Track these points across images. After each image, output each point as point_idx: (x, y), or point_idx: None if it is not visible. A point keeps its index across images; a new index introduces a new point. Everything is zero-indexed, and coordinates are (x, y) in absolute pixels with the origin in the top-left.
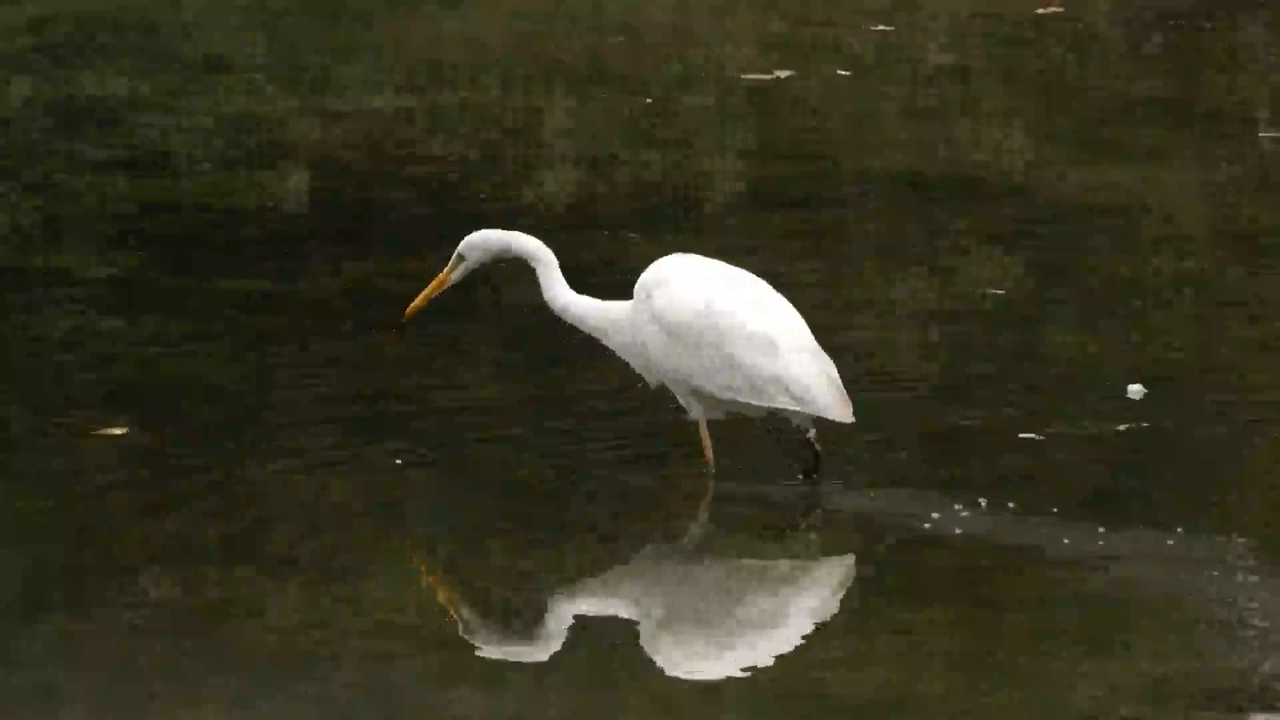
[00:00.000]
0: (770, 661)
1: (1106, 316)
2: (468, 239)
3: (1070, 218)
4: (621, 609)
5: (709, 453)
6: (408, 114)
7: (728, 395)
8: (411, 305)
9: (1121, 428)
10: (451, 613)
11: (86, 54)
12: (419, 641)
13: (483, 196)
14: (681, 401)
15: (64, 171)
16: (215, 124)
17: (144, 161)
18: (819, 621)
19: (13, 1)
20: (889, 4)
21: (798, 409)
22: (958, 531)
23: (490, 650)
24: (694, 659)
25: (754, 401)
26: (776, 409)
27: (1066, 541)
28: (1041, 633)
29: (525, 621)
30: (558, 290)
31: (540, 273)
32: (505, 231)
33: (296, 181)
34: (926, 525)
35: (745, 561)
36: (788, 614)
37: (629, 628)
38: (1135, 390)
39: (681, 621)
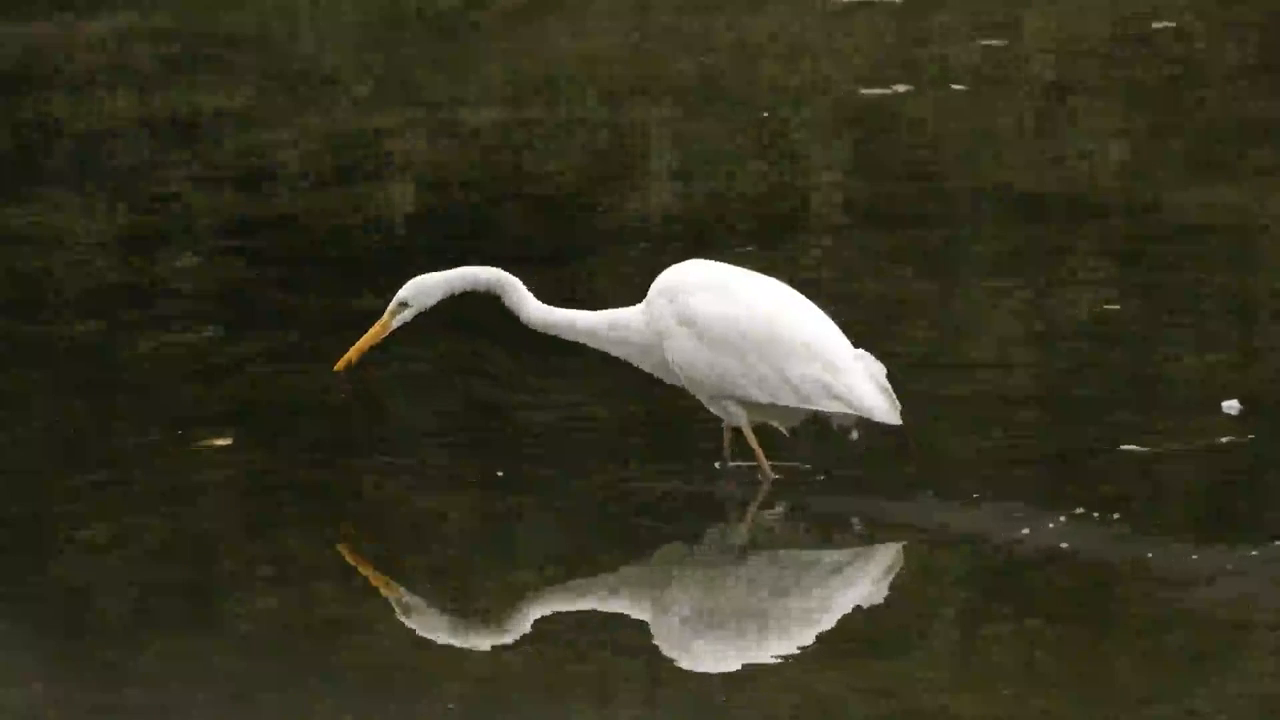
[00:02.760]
0: (884, 681)
1: (1217, 335)
2: (410, 284)
3: (1182, 236)
4: (740, 633)
5: (764, 463)
6: (520, 129)
7: (768, 400)
8: (344, 357)
9: (1224, 439)
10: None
11: (200, 68)
12: (529, 658)
13: (600, 209)
14: (714, 409)
15: (175, 186)
16: (326, 139)
17: (255, 176)
18: (928, 640)
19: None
20: (999, 19)
21: (846, 411)
22: (1067, 549)
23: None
24: (797, 674)
25: (799, 405)
26: (821, 411)
27: (1177, 559)
28: (1152, 651)
29: (635, 634)
30: (533, 308)
31: (508, 299)
32: (448, 272)
33: (407, 197)
34: (1036, 543)
35: (850, 578)
36: (896, 632)
37: (751, 650)
38: (1230, 406)
39: (795, 641)
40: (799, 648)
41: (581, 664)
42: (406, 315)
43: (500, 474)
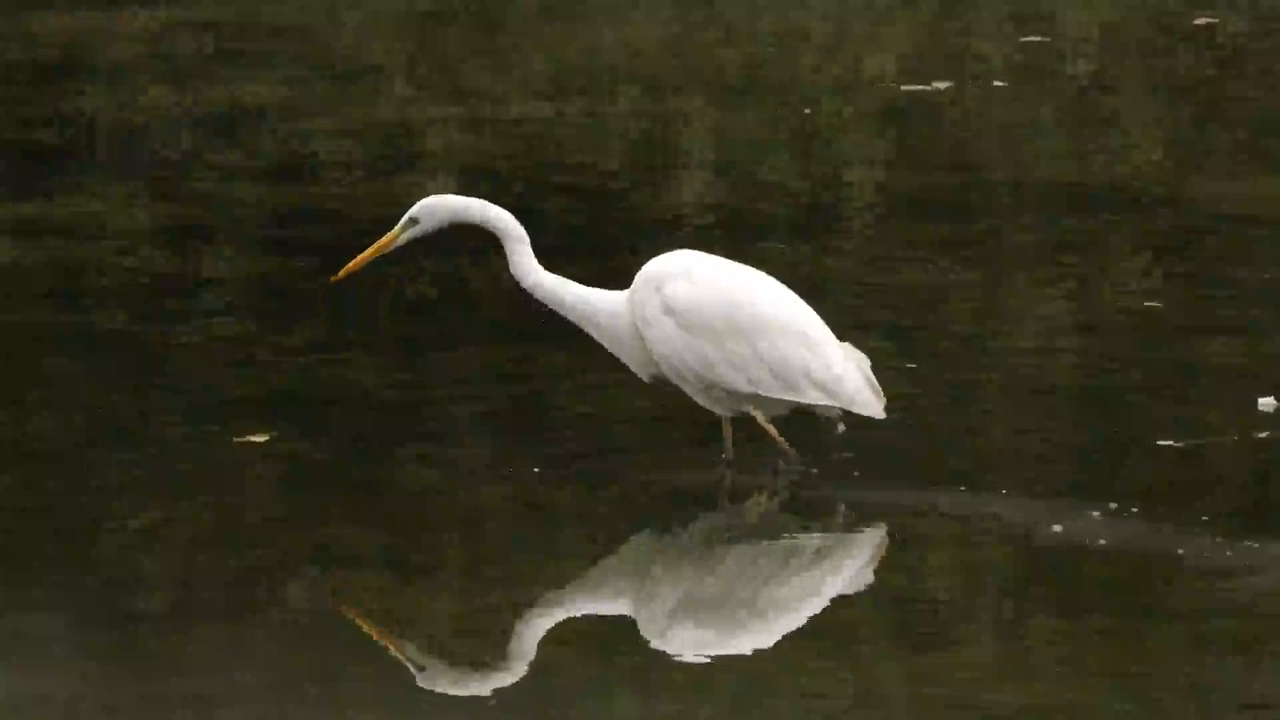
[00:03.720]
0: (926, 671)
1: (1260, 328)
2: (424, 201)
3: (1225, 229)
4: (782, 626)
5: (781, 442)
6: (560, 120)
7: (750, 390)
8: (347, 266)
9: (1263, 434)
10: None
11: (242, 60)
12: (574, 649)
13: (641, 200)
14: (703, 402)
15: (216, 178)
16: (367, 130)
17: (296, 168)
18: (969, 631)
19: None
20: (1038, 12)
21: (829, 403)
22: (1108, 541)
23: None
24: (845, 669)
25: (782, 396)
26: (805, 404)
27: (1216, 551)
28: (1193, 643)
29: (682, 627)
30: (528, 266)
31: (508, 247)
32: (469, 198)
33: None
34: (1075, 534)
35: (889, 569)
36: (936, 623)
37: (794, 642)
38: (1266, 404)
39: (837, 636)
40: (841, 639)
41: (626, 656)
42: (415, 231)
43: (537, 469)
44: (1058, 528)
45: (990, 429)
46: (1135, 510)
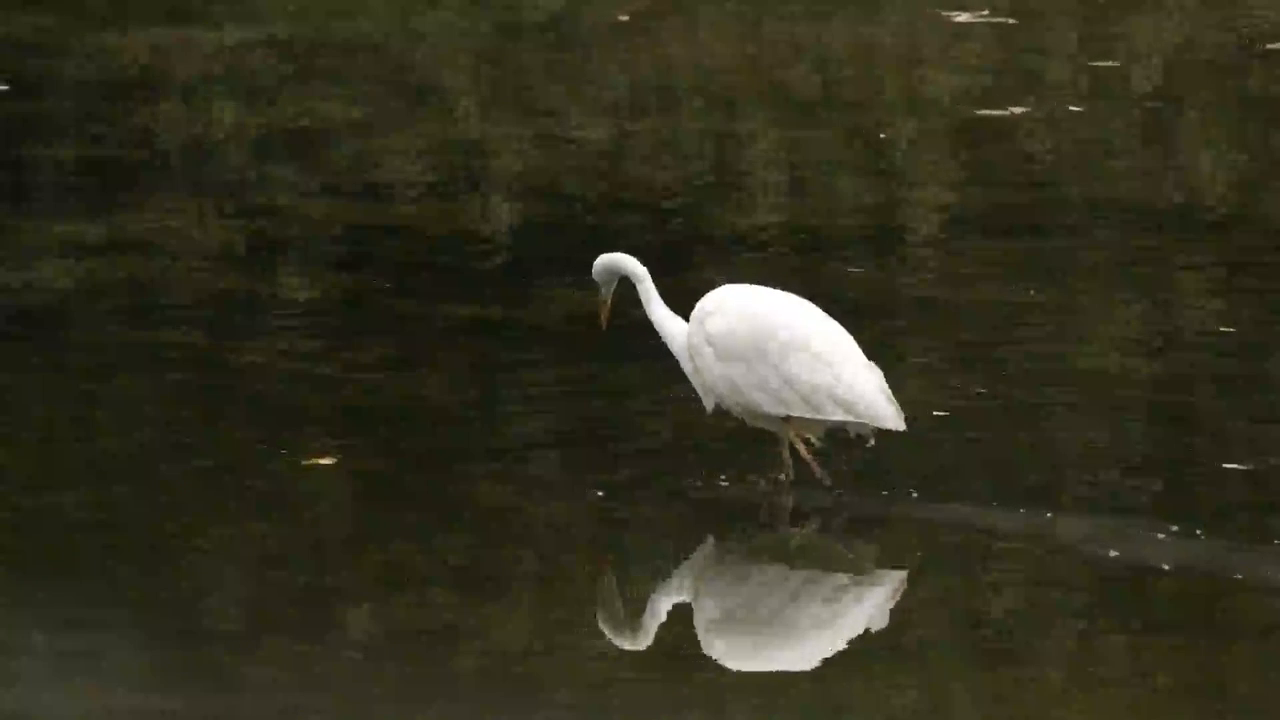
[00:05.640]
0: (996, 688)
1: None
2: (595, 264)
3: None
4: (860, 640)
5: (815, 465)
6: (633, 139)
7: (781, 411)
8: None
9: None
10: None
11: (315, 78)
12: (641, 665)
13: (712, 219)
14: (751, 424)
15: (288, 196)
16: (440, 148)
17: (367, 186)
18: (1039, 647)
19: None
20: (1109, 34)
21: (851, 419)
22: (1177, 559)
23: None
24: (916, 686)
25: (809, 415)
26: (833, 422)
27: None
28: (1265, 661)
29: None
30: (655, 306)
31: (641, 290)
32: (613, 254)
33: (519, 206)
34: (1145, 553)
35: (962, 587)
36: (1006, 640)
37: (850, 664)
38: None
39: (911, 647)
40: (911, 656)
41: (697, 672)
42: (604, 291)
43: (609, 485)
44: (1127, 546)
45: (1060, 448)
46: (1204, 529)
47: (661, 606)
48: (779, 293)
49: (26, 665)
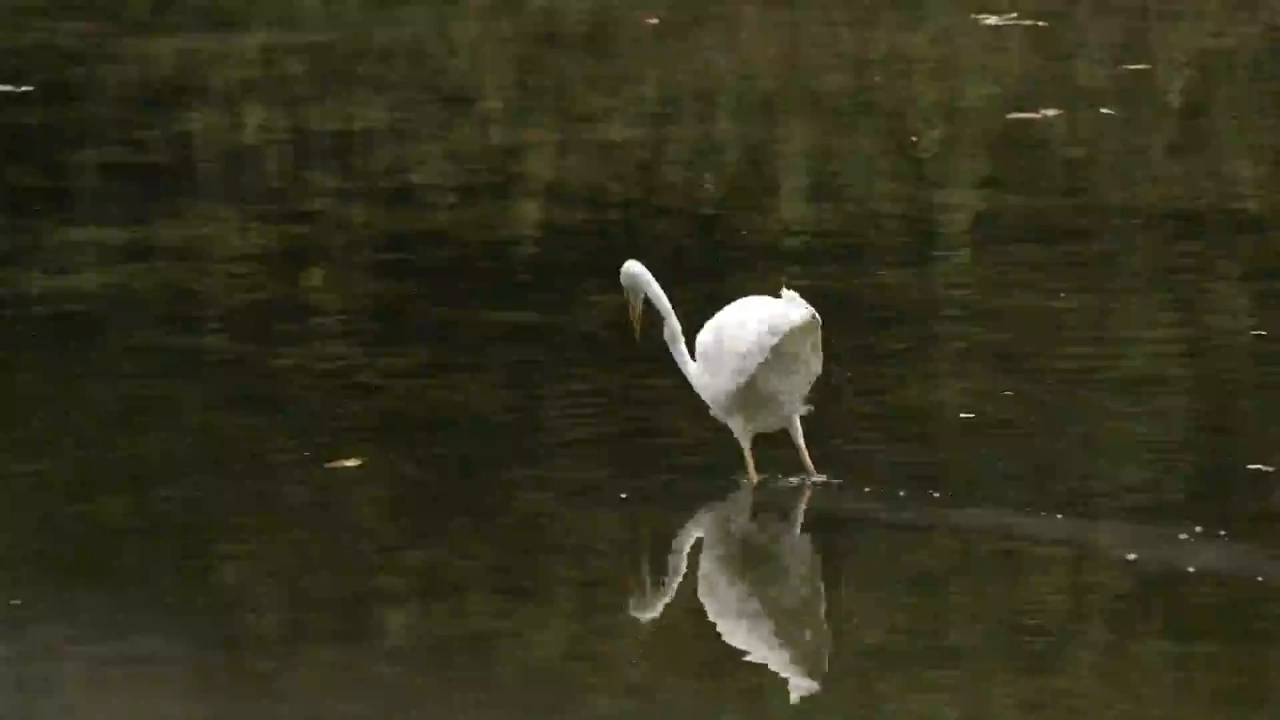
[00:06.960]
0: (1033, 696)
1: None
2: (621, 272)
3: None
4: (896, 647)
5: (750, 468)
6: (670, 144)
7: (725, 417)
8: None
9: None
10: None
11: (352, 83)
12: (681, 671)
13: (743, 232)
14: (774, 422)
15: (325, 201)
16: (477, 154)
17: (405, 190)
18: (1077, 655)
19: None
20: (1142, 39)
21: (767, 343)
22: (1218, 566)
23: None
24: (953, 692)
25: (741, 369)
26: (770, 362)
27: None
28: None
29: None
30: (685, 364)
31: (666, 331)
32: (637, 270)
33: (555, 211)
34: (1184, 560)
35: (998, 593)
36: (1044, 647)
37: (888, 670)
38: None
39: (948, 655)
40: (952, 661)
41: (736, 678)
42: (636, 301)
43: (648, 492)
44: (1164, 552)
45: (1098, 453)
46: (1244, 535)
47: (702, 611)
48: (757, 298)
49: (67, 671)
